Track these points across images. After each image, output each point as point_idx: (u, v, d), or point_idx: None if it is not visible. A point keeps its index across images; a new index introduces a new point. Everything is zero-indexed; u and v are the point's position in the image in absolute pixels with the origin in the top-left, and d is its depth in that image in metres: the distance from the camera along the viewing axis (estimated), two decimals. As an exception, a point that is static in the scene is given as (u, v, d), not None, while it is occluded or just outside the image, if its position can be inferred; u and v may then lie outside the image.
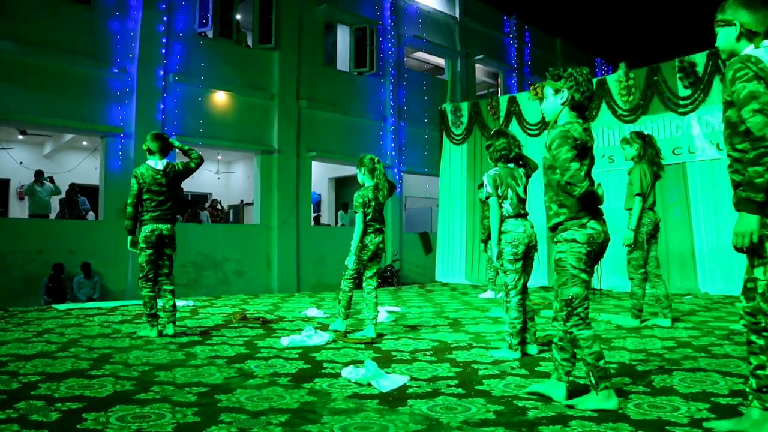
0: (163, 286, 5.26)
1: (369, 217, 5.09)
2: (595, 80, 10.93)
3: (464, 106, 12.93)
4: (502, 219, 4.27)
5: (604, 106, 10.49)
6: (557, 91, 3.01)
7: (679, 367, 3.75)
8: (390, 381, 3.38)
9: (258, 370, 3.79)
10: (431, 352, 4.44)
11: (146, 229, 5.15)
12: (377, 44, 14.00)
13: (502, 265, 4.28)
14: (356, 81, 13.96)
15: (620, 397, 2.93)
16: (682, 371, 3.65)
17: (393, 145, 14.31)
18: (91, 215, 11.82)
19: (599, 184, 2.97)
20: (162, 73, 10.78)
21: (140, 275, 5.19)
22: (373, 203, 5.09)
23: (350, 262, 5.11)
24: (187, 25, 11.29)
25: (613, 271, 8.73)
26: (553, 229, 3.02)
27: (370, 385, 3.35)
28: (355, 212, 5.10)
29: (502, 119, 11.99)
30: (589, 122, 3.08)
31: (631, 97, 9.98)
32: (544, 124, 11.13)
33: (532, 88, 11.58)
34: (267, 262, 12.07)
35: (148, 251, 5.15)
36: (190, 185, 13.37)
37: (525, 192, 4.38)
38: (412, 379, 3.52)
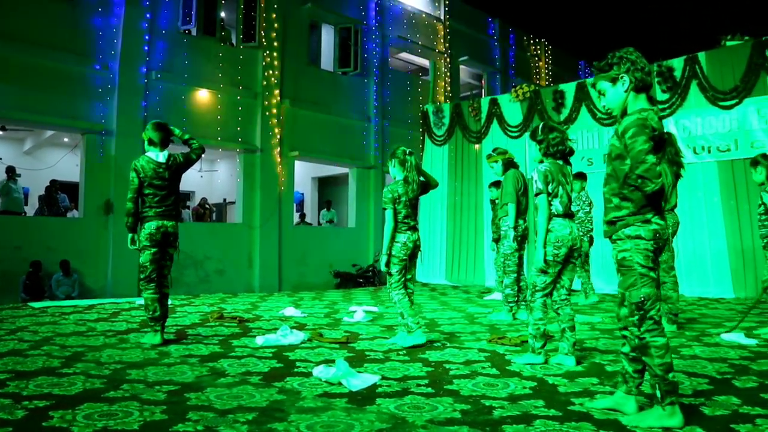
0: (161, 289, 4.91)
1: (402, 215, 4.79)
2: (575, 84, 11.03)
3: (446, 108, 13.00)
4: (549, 217, 4.04)
5: (583, 110, 10.61)
6: (614, 80, 2.81)
7: (645, 368, 3.81)
8: (360, 380, 3.41)
9: (230, 369, 3.80)
10: (404, 352, 4.48)
11: (150, 226, 4.78)
12: (362, 44, 14.01)
13: (548, 267, 3.99)
14: (340, 81, 13.95)
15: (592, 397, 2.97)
16: (648, 371, 3.72)
17: (376, 145, 14.31)
18: (74, 213, 11.71)
19: None
20: (144, 70, 10.71)
21: (142, 276, 4.82)
22: (403, 198, 4.78)
23: (382, 263, 4.79)
24: (170, 22, 11.22)
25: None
26: (611, 223, 2.79)
27: (340, 384, 3.37)
28: (384, 209, 4.81)
29: (483, 121, 12.07)
30: (657, 107, 2.89)
31: (611, 101, 10.06)
32: (524, 126, 11.20)
33: (513, 90, 11.66)
34: (249, 261, 12.04)
35: (152, 250, 4.78)
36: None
37: (572, 190, 4.20)
38: (383, 378, 3.55)
